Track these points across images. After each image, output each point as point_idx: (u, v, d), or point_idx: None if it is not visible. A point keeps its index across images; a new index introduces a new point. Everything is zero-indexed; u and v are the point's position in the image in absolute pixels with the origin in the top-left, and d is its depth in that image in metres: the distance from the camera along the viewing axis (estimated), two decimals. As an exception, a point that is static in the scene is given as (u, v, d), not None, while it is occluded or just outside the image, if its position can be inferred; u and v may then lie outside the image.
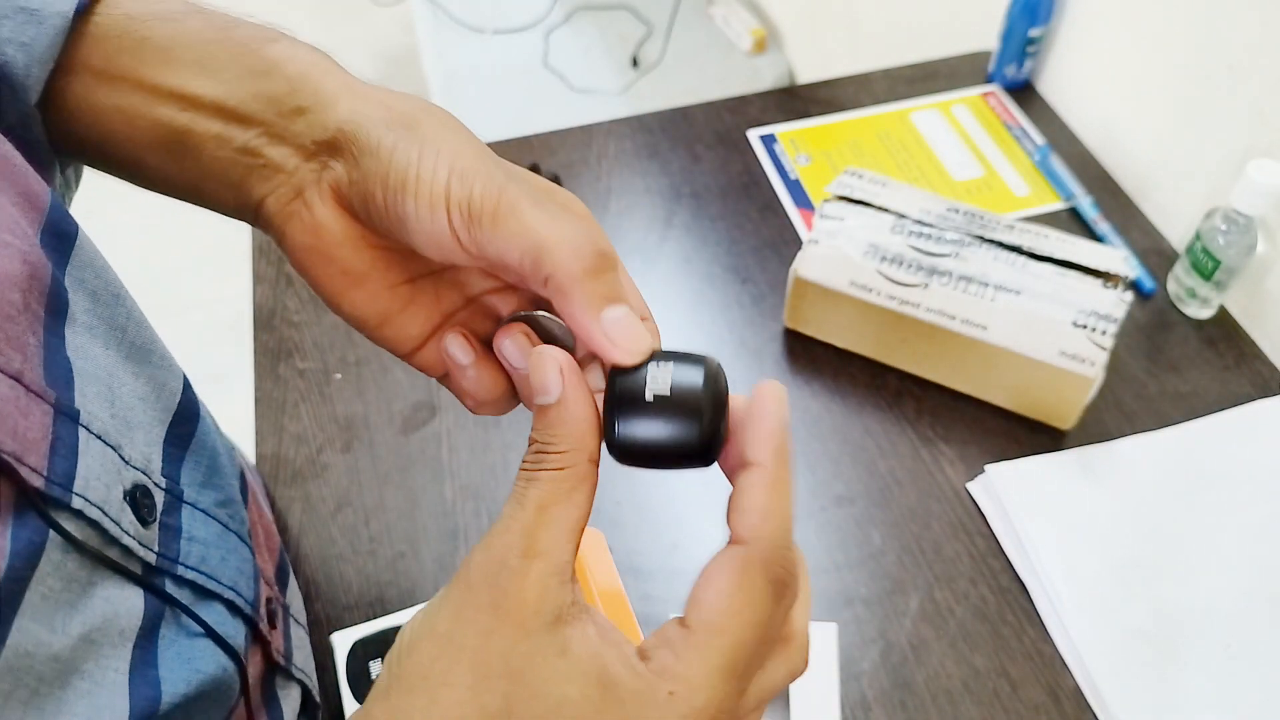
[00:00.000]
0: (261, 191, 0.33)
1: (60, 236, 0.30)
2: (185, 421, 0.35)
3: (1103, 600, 0.57)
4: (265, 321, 0.73)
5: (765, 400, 0.29)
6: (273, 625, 0.40)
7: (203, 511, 0.34)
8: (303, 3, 2.46)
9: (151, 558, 0.30)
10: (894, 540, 0.61)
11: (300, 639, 0.45)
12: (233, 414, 0.73)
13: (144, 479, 0.31)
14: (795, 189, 0.83)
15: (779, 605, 0.28)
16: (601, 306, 0.29)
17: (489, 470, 0.64)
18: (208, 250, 1.60)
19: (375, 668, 0.50)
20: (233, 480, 0.39)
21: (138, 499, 0.30)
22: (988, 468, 0.63)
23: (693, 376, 0.29)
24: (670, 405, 0.29)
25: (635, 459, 0.30)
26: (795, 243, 0.78)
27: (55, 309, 0.29)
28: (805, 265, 0.66)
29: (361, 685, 0.50)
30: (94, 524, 0.27)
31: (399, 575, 0.59)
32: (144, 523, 0.30)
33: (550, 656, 0.26)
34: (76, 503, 0.26)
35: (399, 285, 0.35)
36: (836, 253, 0.66)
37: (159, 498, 0.31)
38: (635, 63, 1.60)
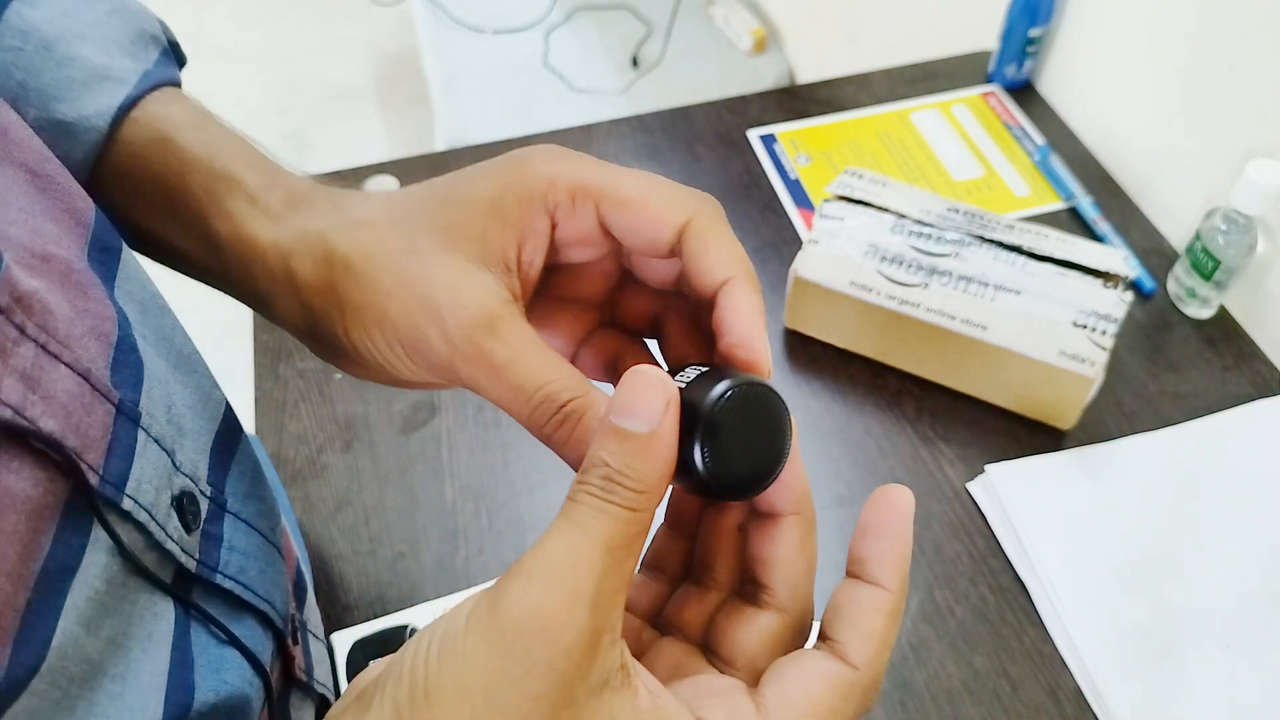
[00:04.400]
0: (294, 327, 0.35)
1: (106, 251, 0.31)
2: (230, 432, 0.35)
3: (1103, 600, 0.57)
4: (265, 321, 0.73)
5: (894, 515, 0.28)
6: (295, 640, 0.39)
7: (245, 522, 0.34)
8: (303, 3, 2.46)
9: (192, 564, 0.30)
10: (894, 540, 0.61)
11: (320, 653, 0.44)
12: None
13: (191, 486, 0.31)
14: (795, 189, 0.83)
15: None
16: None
17: (489, 470, 0.64)
18: (208, 250, 1.59)
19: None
20: (273, 495, 0.39)
21: (184, 505, 0.30)
22: (988, 468, 0.63)
23: (767, 401, 0.28)
24: (754, 432, 0.28)
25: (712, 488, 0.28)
26: (795, 243, 0.78)
27: (119, 310, 0.29)
28: (805, 265, 0.66)
29: (361, 685, 0.50)
30: (140, 527, 0.27)
31: (399, 575, 0.59)
32: (188, 529, 0.30)
33: None
34: (126, 504, 0.26)
35: None
36: (836, 253, 0.66)
37: (204, 505, 0.31)
38: (635, 63, 1.60)
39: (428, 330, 0.29)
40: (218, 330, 0.71)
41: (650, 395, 0.25)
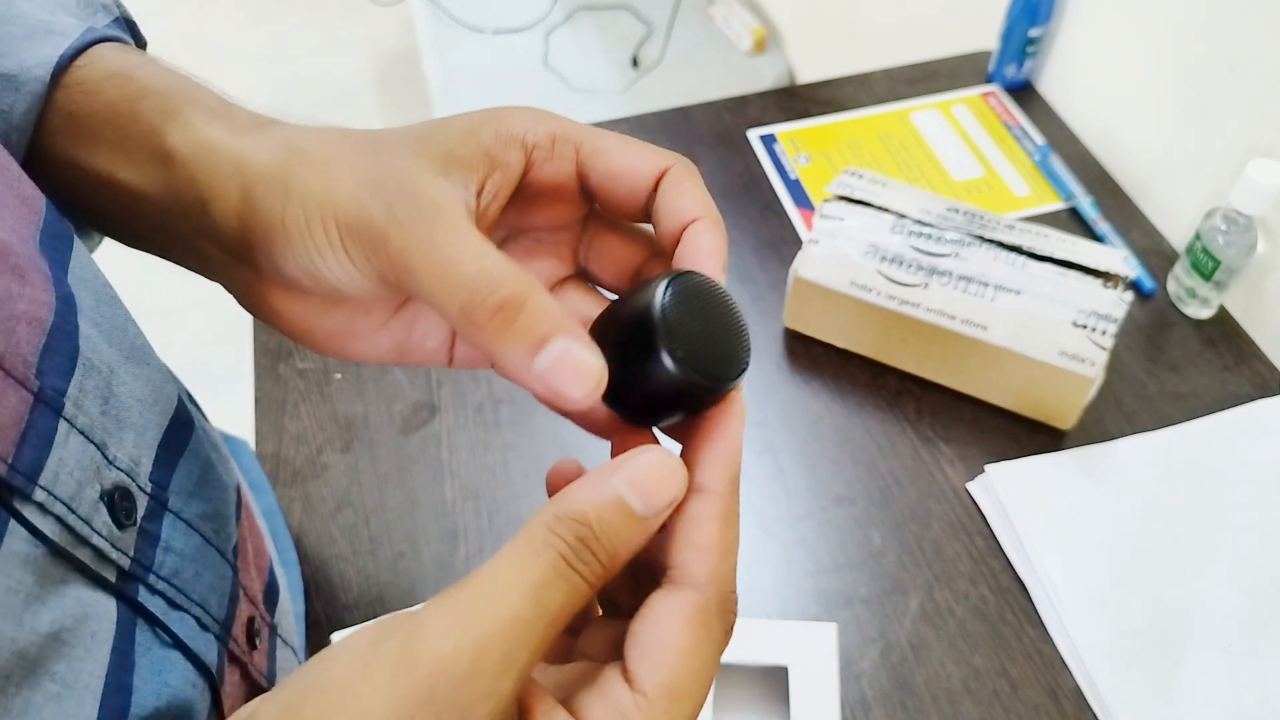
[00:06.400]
0: (221, 280, 0.33)
1: (58, 238, 0.30)
2: (181, 427, 0.34)
3: (1103, 600, 0.57)
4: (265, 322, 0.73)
5: (728, 416, 0.26)
6: (253, 645, 0.38)
7: (185, 522, 0.33)
8: (303, 3, 2.46)
9: (125, 562, 0.29)
10: (894, 540, 0.61)
11: (287, 660, 0.43)
12: (233, 414, 0.73)
13: (127, 481, 0.29)
14: (795, 189, 0.82)
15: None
16: (528, 357, 0.25)
17: (489, 470, 0.64)
18: (208, 250, 1.58)
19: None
20: (225, 494, 0.37)
21: (116, 500, 0.28)
22: (988, 468, 0.63)
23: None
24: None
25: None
26: (795, 243, 0.78)
27: (65, 296, 0.28)
28: (805, 265, 0.66)
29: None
30: (60, 520, 0.26)
31: (399, 575, 0.59)
32: (120, 525, 0.29)
33: None
34: (39, 495, 0.25)
35: (392, 318, 0.33)
36: (836, 253, 0.66)
37: (141, 502, 0.30)
38: (635, 63, 1.60)
39: (370, 205, 0.27)
40: (218, 330, 0.71)
41: (668, 485, 0.24)
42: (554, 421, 0.66)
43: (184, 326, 1.59)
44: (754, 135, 0.87)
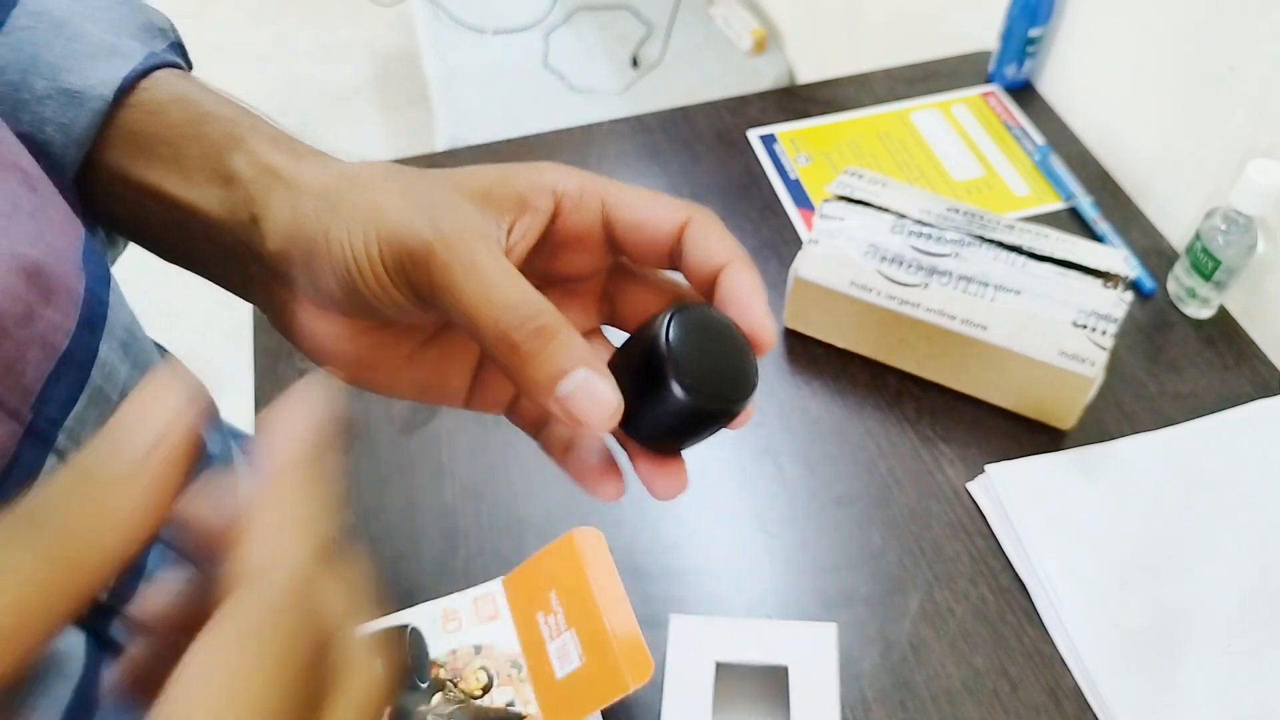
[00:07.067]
0: (257, 301, 0.34)
1: (100, 256, 0.31)
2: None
3: (1103, 600, 0.57)
4: (265, 322, 0.72)
5: (291, 402, 0.24)
6: None
7: (177, 550, 0.33)
8: (303, 3, 2.46)
9: (102, 595, 0.28)
10: (894, 540, 0.61)
11: None
12: (233, 414, 0.73)
13: None
14: (795, 189, 0.83)
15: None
16: (551, 383, 0.27)
17: (489, 470, 0.64)
18: (208, 250, 1.59)
19: (375, 668, 0.50)
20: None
21: None
22: (988, 468, 0.63)
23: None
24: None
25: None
26: (795, 243, 0.78)
27: (90, 321, 0.28)
28: (805, 265, 0.66)
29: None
30: None
31: (399, 575, 0.59)
32: None
33: None
34: None
35: (416, 352, 0.34)
36: (836, 253, 0.66)
37: None
38: (635, 63, 1.60)
39: (417, 221, 0.29)
40: (218, 331, 0.71)
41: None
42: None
43: (184, 326, 1.59)
44: (754, 135, 0.87)
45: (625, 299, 0.35)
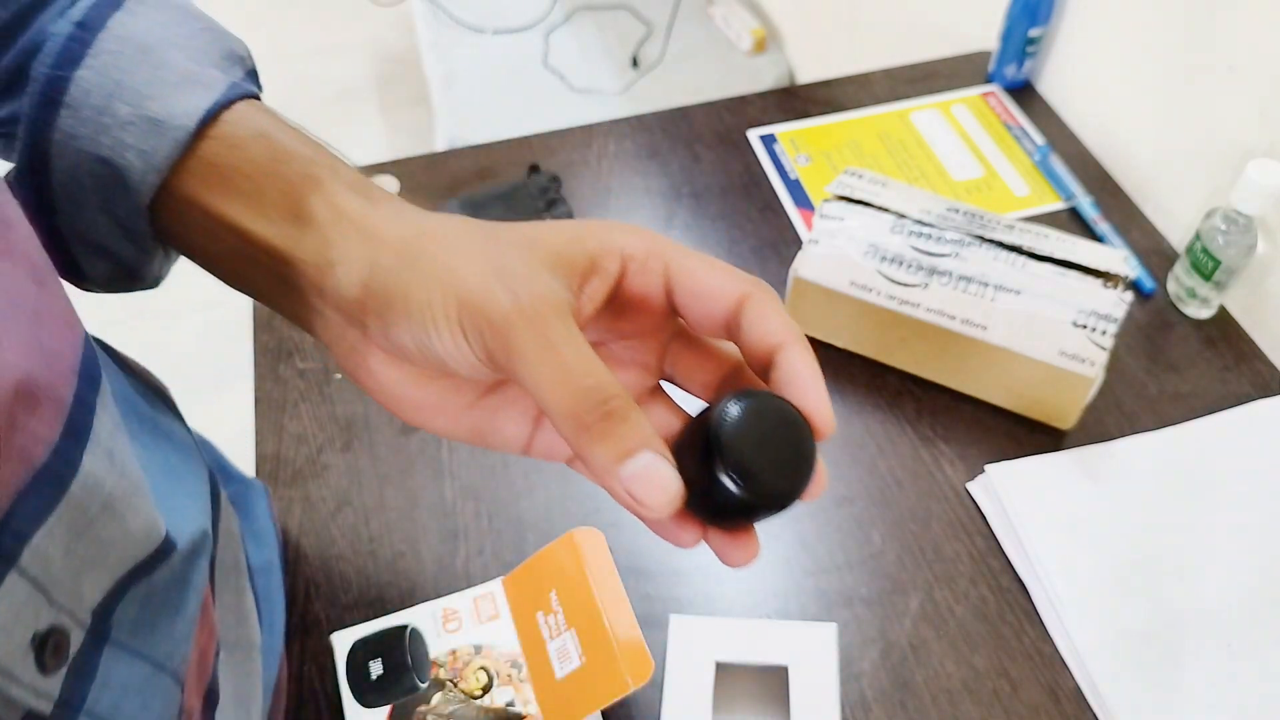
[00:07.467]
0: (324, 338, 0.35)
1: (94, 363, 0.30)
2: (153, 562, 0.33)
3: (1103, 600, 0.57)
4: (265, 321, 0.73)
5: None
6: None
7: (131, 652, 0.31)
8: (303, 3, 2.46)
9: (46, 708, 0.27)
10: (894, 540, 0.61)
11: None
12: (233, 414, 0.73)
13: (64, 620, 0.28)
14: (795, 189, 0.83)
15: None
16: (615, 464, 0.28)
17: (489, 470, 0.64)
18: (208, 250, 1.58)
19: (375, 668, 0.50)
20: (185, 610, 0.36)
21: (46, 641, 0.26)
22: (988, 468, 0.63)
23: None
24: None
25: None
26: (795, 243, 0.78)
27: (75, 431, 0.27)
28: (805, 265, 0.66)
29: (361, 685, 0.50)
30: None
31: (399, 575, 0.59)
32: (44, 668, 0.26)
33: None
34: None
35: (478, 400, 0.35)
36: (836, 253, 0.66)
37: (76, 639, 0.28)
38: (635, 63, 1.60)
39: (497, 290, 0.30)
40: (218, 331, 0.71)
41: None
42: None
43: (184, 327, 1.59)
44: (754, 135, 0.87)
45: (685, 361, 0.36)
